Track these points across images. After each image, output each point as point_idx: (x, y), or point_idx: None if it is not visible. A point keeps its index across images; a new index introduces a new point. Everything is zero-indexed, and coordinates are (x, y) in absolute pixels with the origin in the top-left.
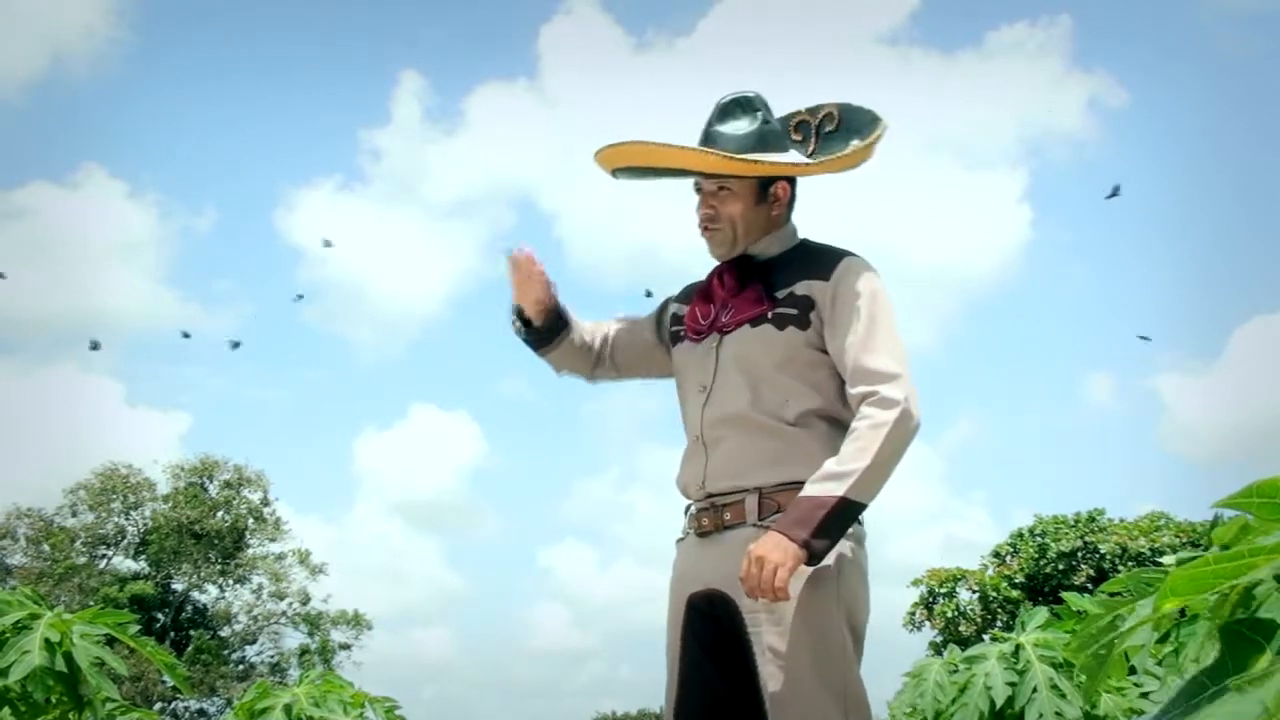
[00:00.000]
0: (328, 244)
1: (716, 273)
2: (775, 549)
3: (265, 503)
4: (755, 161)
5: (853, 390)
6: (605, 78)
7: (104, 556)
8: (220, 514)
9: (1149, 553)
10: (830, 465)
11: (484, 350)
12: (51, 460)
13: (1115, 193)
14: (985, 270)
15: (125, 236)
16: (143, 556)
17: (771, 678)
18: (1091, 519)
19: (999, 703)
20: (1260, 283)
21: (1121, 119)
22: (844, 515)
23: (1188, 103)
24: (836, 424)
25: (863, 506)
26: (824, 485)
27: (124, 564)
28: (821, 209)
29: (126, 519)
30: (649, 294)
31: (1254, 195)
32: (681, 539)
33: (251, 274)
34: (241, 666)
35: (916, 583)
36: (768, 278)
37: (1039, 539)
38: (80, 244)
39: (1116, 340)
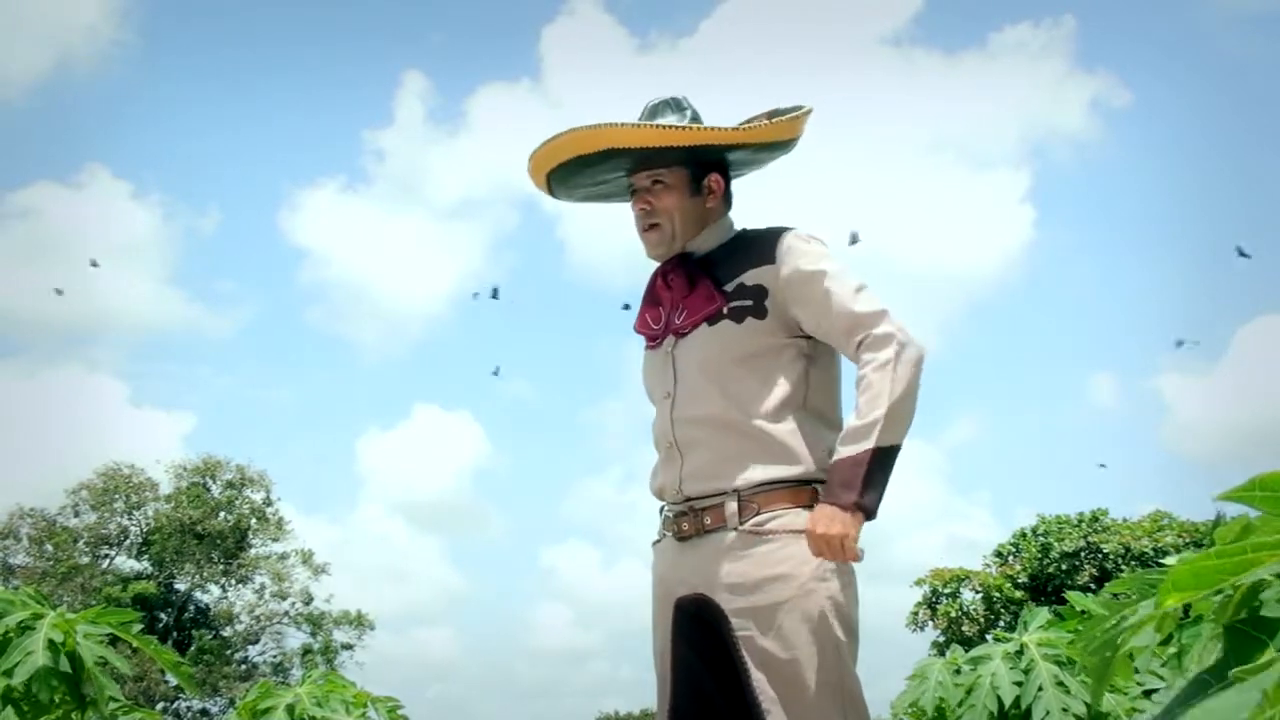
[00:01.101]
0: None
1: (659, 273)
2: (834, 522)
3: (268, 503)
4: (680, 129)
5: (848, 345)
6: (608, 79)
7: (106, 556)
8: (223, 514)
9: (1152, 553)
10: (853, 422)
11: (487, 351)
12: (54, 460)
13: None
14: (988, 270)
15: (129, 237)
16: (145, 556)
17: (766, 680)
18: (1095, 519)
19: (1007, 704)
20: (1262, 282)
21: (1124, 119)
22: (883, 463)
23: (1190, 103)
24: (808, 412)
25: (898, 448)
26: (854, 445)
27: (126, 564)
28: (826, 209)
29: (129, 519)
30: (626, 307)
31: (1255, 195)
32: (657, 541)
33: (255, 274)
34: (244, 666)
35: (920, 582)
36: (713, 272)
37: (1042, 539)
38: (84, 244)
39: (1119, 340)
